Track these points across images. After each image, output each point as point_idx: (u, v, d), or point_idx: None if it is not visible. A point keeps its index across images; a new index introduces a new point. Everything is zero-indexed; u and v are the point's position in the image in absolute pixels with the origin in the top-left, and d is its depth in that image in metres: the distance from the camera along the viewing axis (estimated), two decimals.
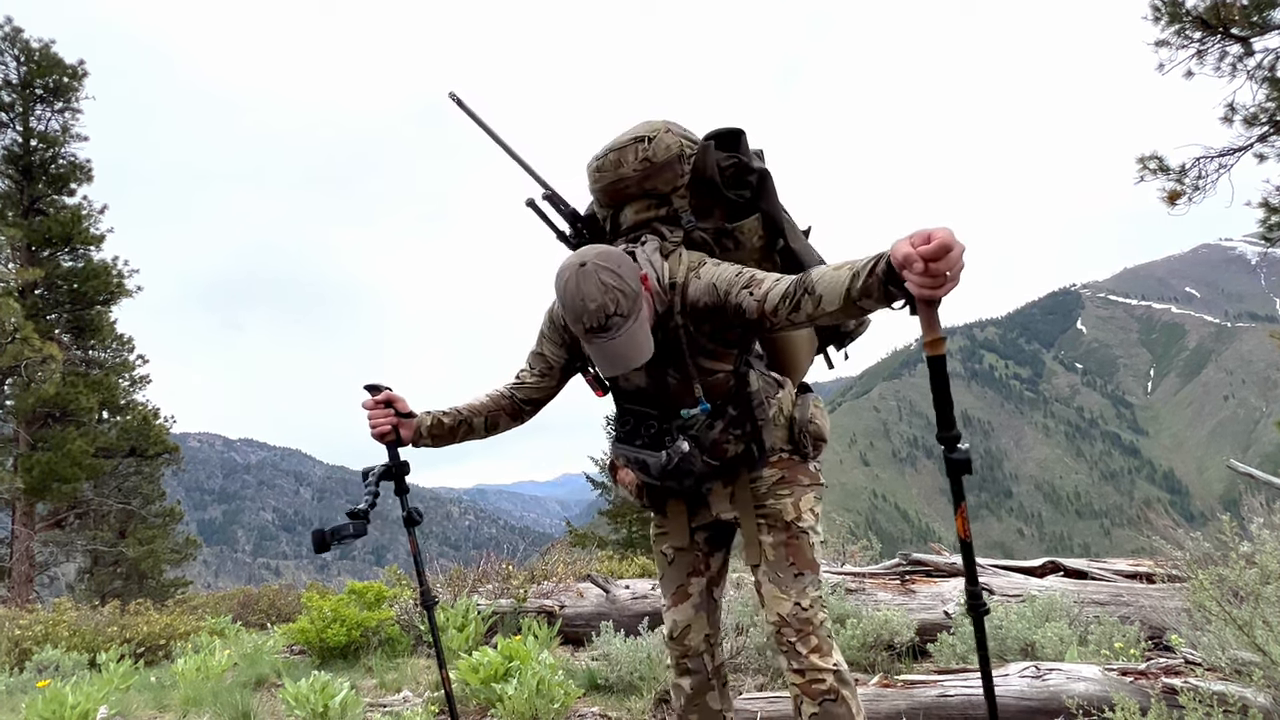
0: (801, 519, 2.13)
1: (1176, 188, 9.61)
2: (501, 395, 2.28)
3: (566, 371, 2.25)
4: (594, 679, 4.55)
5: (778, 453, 2.18)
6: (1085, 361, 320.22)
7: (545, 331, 2.22)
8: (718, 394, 2.07)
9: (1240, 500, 4.49)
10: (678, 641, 2.27)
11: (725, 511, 2.21)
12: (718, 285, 1.92)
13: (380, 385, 2.25)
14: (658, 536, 2.33)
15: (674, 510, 2.27)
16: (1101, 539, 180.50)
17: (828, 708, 2.00)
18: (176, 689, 5.08)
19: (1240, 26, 8.88)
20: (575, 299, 1.84)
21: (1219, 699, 2.42)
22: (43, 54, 18.68)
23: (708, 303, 1.94)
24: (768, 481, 2.16)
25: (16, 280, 17.04)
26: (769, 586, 2.10)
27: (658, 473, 2.08)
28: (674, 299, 1.99)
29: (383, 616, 6.39)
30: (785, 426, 2.18)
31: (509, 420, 2.29)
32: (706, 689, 2.28)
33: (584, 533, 19.70)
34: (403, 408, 2.24)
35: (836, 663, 2.04)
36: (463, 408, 2.27)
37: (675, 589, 2.29)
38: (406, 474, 2.28)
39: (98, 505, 18.21)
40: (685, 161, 2.08)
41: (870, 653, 4.53)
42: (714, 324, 1.97)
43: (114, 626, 8.07)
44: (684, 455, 2.03)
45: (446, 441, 2.28)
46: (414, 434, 2.24)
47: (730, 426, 2.09)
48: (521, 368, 2.29)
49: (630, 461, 2.16)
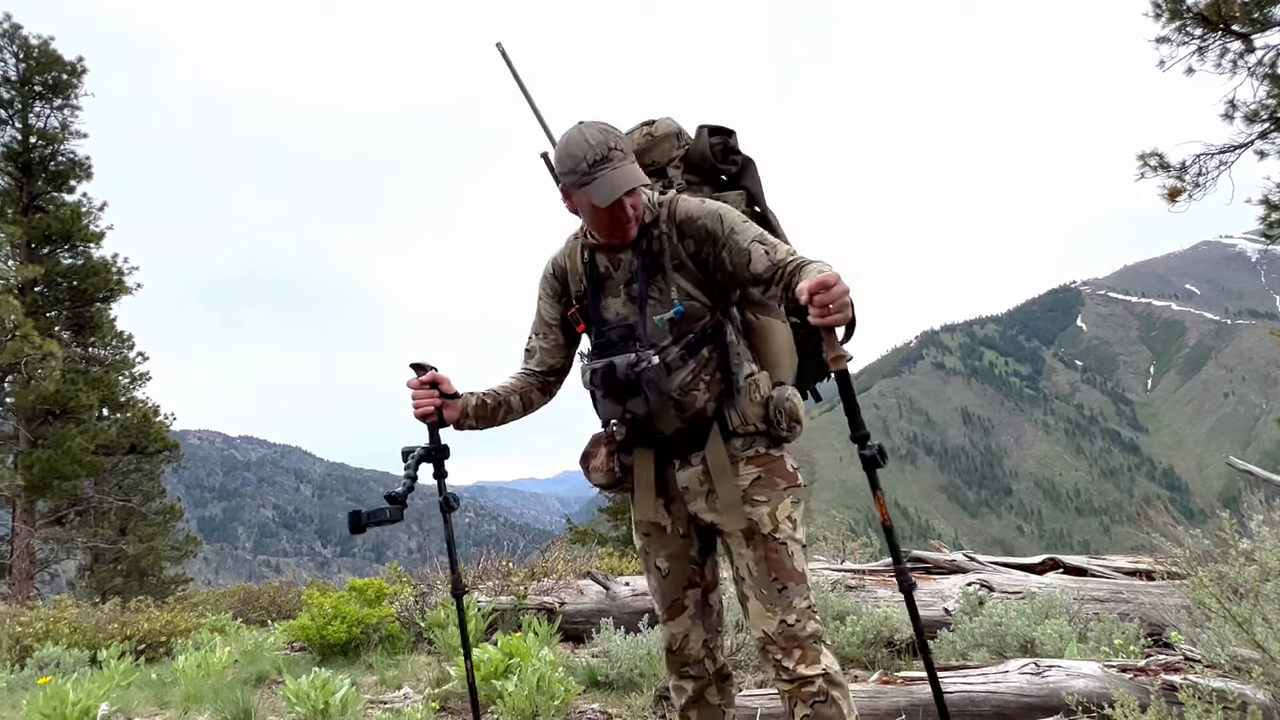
0: (779, 529, 2.09)
1: (1177, 185, 9.60)
2: (523, 376, 2.32)
3: (565, 327, 2.31)
4: (594, 676, 4.56)
5: (753, 438, 2.15)
6: (1085, 359, 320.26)
7: (541, 295, 2.33)
8: (694, 324, 2.11)
9: (1240, 497, 4.50)
10: (678, 653, 2.26)
11: (704, 512, 2.17)
12: (724, 220, 2.08)
13: (426, 365, 2.22)
14: (646, 545, 2.28)
15: (642, 483, 2.20)
16: (1101, 536, 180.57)
17: (818, 709, 2.01)
18: (177, 686, 5.09)
19: (1241, 23, 8.87)
20: (578, 141, 1.97)
21: (1218, 696, 2.42)
22: (42, 50, 18.65)
23: (703, 224, 2.08)
24: (745, 480, 2.11)
25: (16, 277, 17.04)
26: (754, 603, 2.09)
27: (622, 373, 2.04)
28: (661, 212, 2.14)
29: (383, 613, 6.40)
30: (761, 404, 2.14)
31: (540, 396, 2.34)
32: (707, 687, 2.29)
33: (584, 530, 19.72)
34: (447, 388, 2.21)
35: (825, 667, 2.03)
36: (499, 389, 2.28)
37: (671, 603, 2.26)
38: (446, 458, 2.25)
39: (98, 502, 18.22)
40: (681, 140, 2.36)
41: (870, 649, 4.54)
42: (697, 244, 2.10)
43: (115, 623, 8.09)
44: (652, 364, 2.04)
45: (489, 424, 2.29)
46: (459, 414, 2.23)
47: (702, 371, 2.10)
48: (525, 349, 2.35)
49: (595, 376, 2.10)
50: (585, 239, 2.21)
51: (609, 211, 2.02)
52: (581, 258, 2.22)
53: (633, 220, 2.06)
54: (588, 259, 2.21)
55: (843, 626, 4.56)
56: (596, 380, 2.10)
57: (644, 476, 2.20)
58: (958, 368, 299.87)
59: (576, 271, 2.24)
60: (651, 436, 2.18)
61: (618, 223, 2.05)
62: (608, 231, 2.09)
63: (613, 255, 2.17)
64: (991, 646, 4.12)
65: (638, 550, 2.34)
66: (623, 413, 2.11)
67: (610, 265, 2.18)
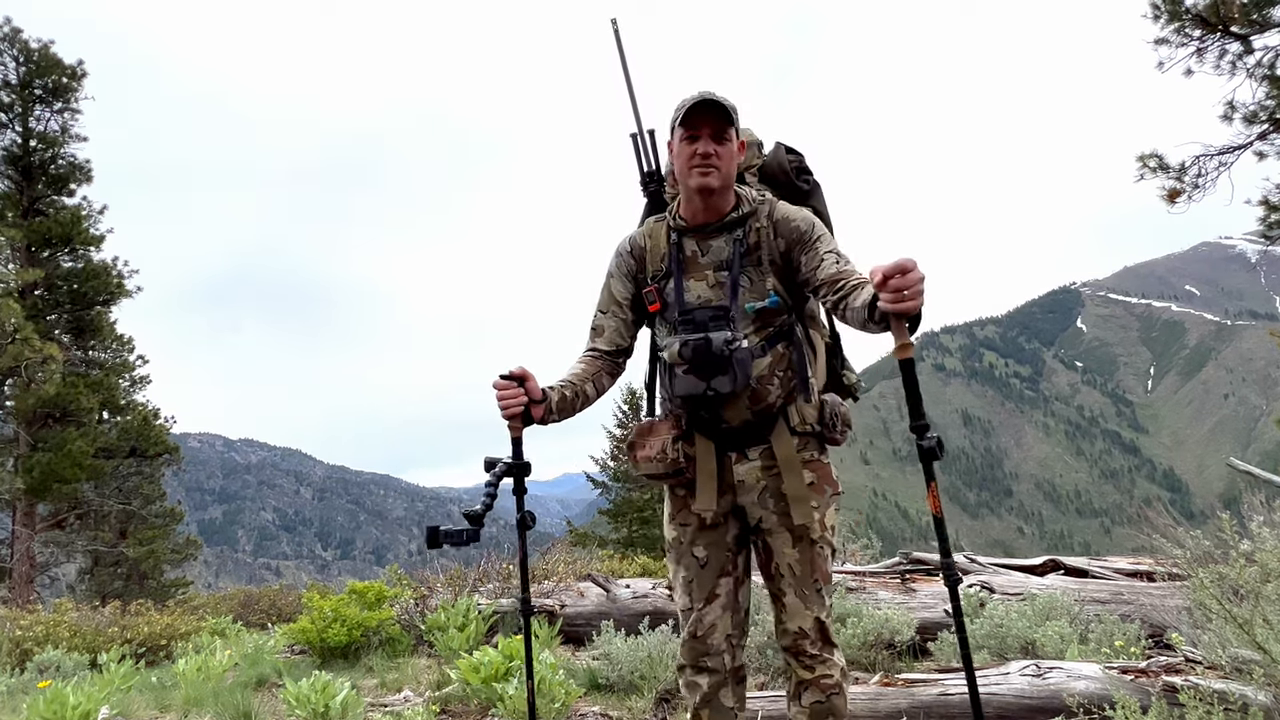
0: (825, 534, 2.19)
1: (1176, 186, 9.59)
2: (592, 358, 2.34)
3: (635, 302, 2.34)
4: (595, 678, 4.55)
5: (808, 439, 2.21)
6: (1085, 360, 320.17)
7: (613, 272, 2.37)
8: (775, 319, 2.19)
9: (1240, 498, 4.49)
10: (701, 640, 2.25)
11: (754, 507, 2.20)
12: (815, 227, 2.19)
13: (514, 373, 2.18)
14: (681, 536, 2.28)
15: (705, 472, 2.22)
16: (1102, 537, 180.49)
17: (833, 700, 2.15)
18: (177, 689, 5.08)
19: (1240, 24, 8.87)
20: (690, 93, 2.13)
21: (1219, 697, 2.42)
22: (42, 54, 18.67)
23: (797, 225, 2.19)
24: (800, 483, 2.16)
25: (17, 281, 17.03)
26: (792, 599, 2.17)
27: (717, 348, 2.07)
28: (761, 209, 2.24)
29: (383, 616, 6.39)
30: (817, 407, 2.23)
31: (609, 380, 2.36)
32: (722, 686, 2.26)
33: (584, 532, 19.72)
34: (534, 389, 2.17)
35: (841, 664, 2.20)
36: (573, 378, 2.28)
37: (707, 591, 2.26)
38: (528, 474, 2.20)
39: (98, 506, 18.21)
40: (759, 151, 2.45)
41: (871, 651, 4.53)
42: (788, 245, 2.19)
43: (115, 627, 8.08)
44: (744, 347, 2.09)
45: (568, 415, 2.28)
46: (544, 412, 2.20)
47: (777, 365, 2.18)
48: (593, 326, 2.37)
49: (685, 349, 2.10)
50: (674, 221, 2.28)
51: (695, 150, 2.11)
52: (668, 238, 2.29)
53: (719, 170, 2.13)
54: (675, 240, 2.27)
55: (843, 629, 4.55)
56: (687, 353, 2.11)
57: (707, 466, 2.22)
58: (958, 369, 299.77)
59: (659, 251, 2.30)
60: (715, 426, 2.21)
61: (705, 164, 2.12)
62: (695, 173, 2.13)
63: (703, 240, 2.25)
64: (993, 648, 4.12)
65: (668, 541, 2.34)
66: (705, 389, 2.12)
67: (699, 249, 2.25)
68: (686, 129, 2.12)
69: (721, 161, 2.13)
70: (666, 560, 2.41)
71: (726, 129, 2.12)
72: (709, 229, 2.23)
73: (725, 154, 2.13)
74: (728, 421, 2.19)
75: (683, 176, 2.18)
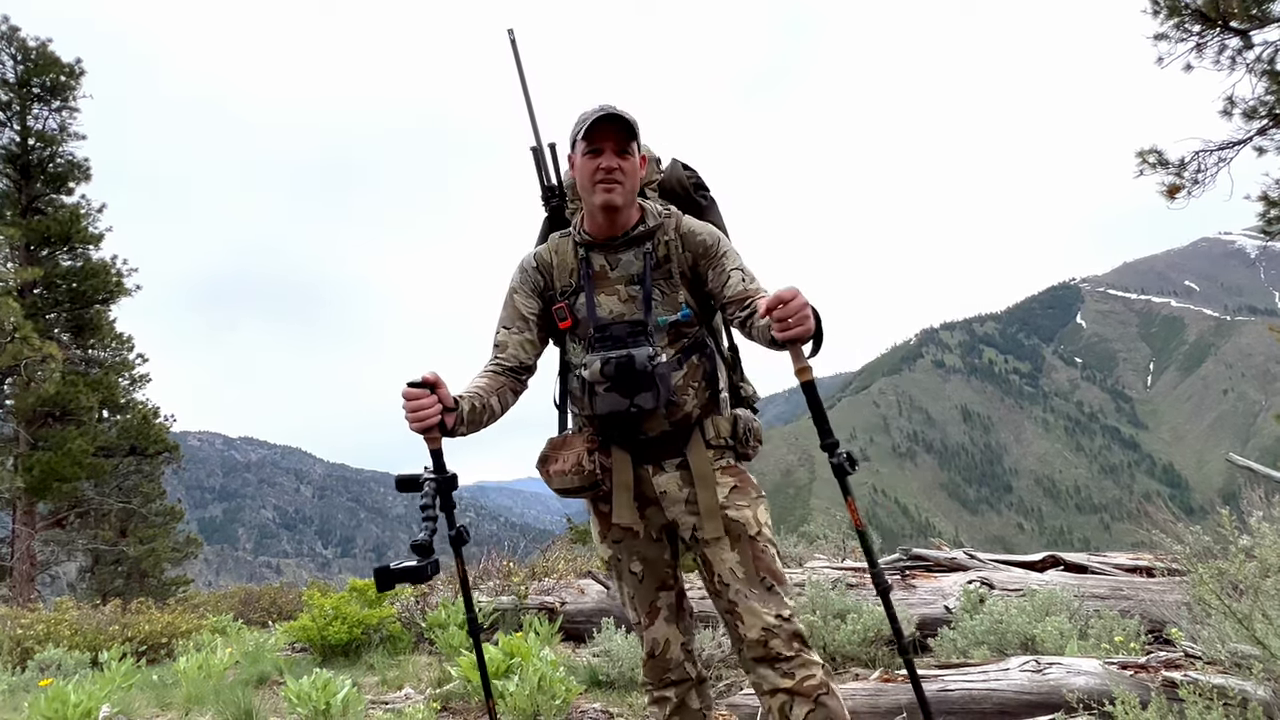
0: (763, 530, 2.14)
1: (1176, 181, 9.60)
2: (495, 373, 2.21)
3: (543, 319, 2.29)
4: (595, 675, 4.56)
5: (722, 451, 2.20)
6: (1085, 356, 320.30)
7: (516, 288, 2.30)
8: (688, 331, 2.20)
9: (1240, 494, 4.49)
10: (660, 658, 2.27)
11: (683, 517, 2.18)
12: (721, 242, 2.21)
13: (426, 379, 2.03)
14: (617, 553, 2.27)
15: (621, 485, 2.18)
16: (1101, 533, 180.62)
17: (824, 701, 2.01)
18: (178, 687, 5.08)
19: (1239, 19, 8.86)
20: (589, 108, 2.12)
21: (1219, 692, 2.42)
22: (40, 52, 18.65)
23: (703, 239, 2.20)
24: (724, 489, 2.15)
25: (15, 280, 17.03)
26: (746, 603, 2.08)
27: (640, 365, 2.04)
28: (668, 222, 2.24)
29: (384, 614, 6.40)
30: (730, 421, 2.22)
31: (513, 396, 2.24)
32: (688, 693, 2.31)
33: (585, 529, 19.70)
34: (446, 397, 2.01)
35: (820, 662, 2.07)
36: (479, 389, 2.15)
37: (648, 607, 2.27)
38: (454, 488, 2.05)
39: (98, 504, 18.22)
40: (657, 166, 2.42)
41: (871, 648, 4.53)
42: (695, 258, 2.20)
43: (115, 625, 8.08)
44: (664, 362, 2.08)
45: (476, 428, 2.14)
46: (455, 422, 2.05)
47: (691, 377, 2.18)
48: (496, 342, 2.26)
49: (607, 367, 2.07)
50: (580, 235, 2.24)
51: (598, 165, 2.08)
52: (575, 254, 2.24)
53: (623, 186, 2.11)
54: (582, 256, 2.22)
55: (843, 625, 4.56)
56: (610, 371, 2.07)
57: (623, 478, 2.20)
58: (957, 365, 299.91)
59: (566, 266, 2.25)
60: (631, 439, 2.18)
61: (609, 179, 2.08)
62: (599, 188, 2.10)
63: (610, 254, 2.21)
64: (992, 644, 4.12)
65: (605, 560, 2.33)
66: (628, 407, 2.09)
67: (607, 263, 2.21)
68: (589, 143, 2.08)
69: (625, 176, 2.10)
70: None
71: (629, 143, 2.09)
72: (616, 243, 2.20)
73: (629, 168, 2.11)
74: (646, 433, 2.17)
75: (586, 192, 2.15)
